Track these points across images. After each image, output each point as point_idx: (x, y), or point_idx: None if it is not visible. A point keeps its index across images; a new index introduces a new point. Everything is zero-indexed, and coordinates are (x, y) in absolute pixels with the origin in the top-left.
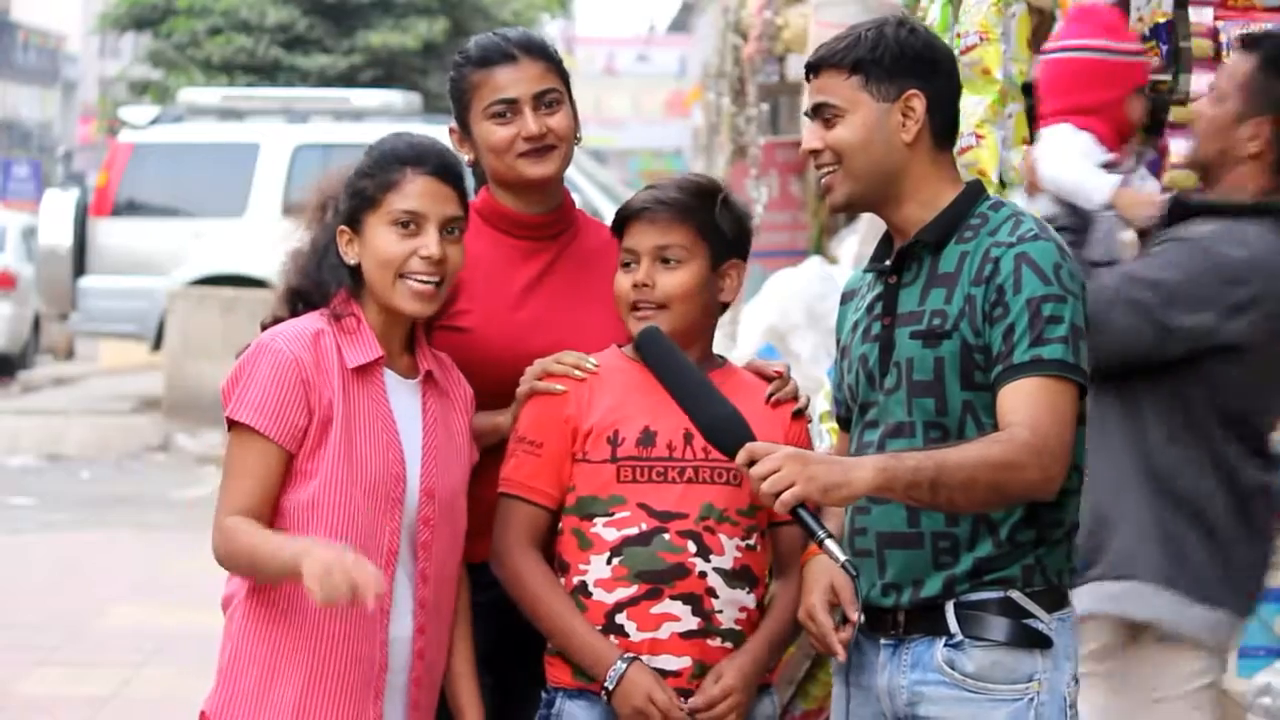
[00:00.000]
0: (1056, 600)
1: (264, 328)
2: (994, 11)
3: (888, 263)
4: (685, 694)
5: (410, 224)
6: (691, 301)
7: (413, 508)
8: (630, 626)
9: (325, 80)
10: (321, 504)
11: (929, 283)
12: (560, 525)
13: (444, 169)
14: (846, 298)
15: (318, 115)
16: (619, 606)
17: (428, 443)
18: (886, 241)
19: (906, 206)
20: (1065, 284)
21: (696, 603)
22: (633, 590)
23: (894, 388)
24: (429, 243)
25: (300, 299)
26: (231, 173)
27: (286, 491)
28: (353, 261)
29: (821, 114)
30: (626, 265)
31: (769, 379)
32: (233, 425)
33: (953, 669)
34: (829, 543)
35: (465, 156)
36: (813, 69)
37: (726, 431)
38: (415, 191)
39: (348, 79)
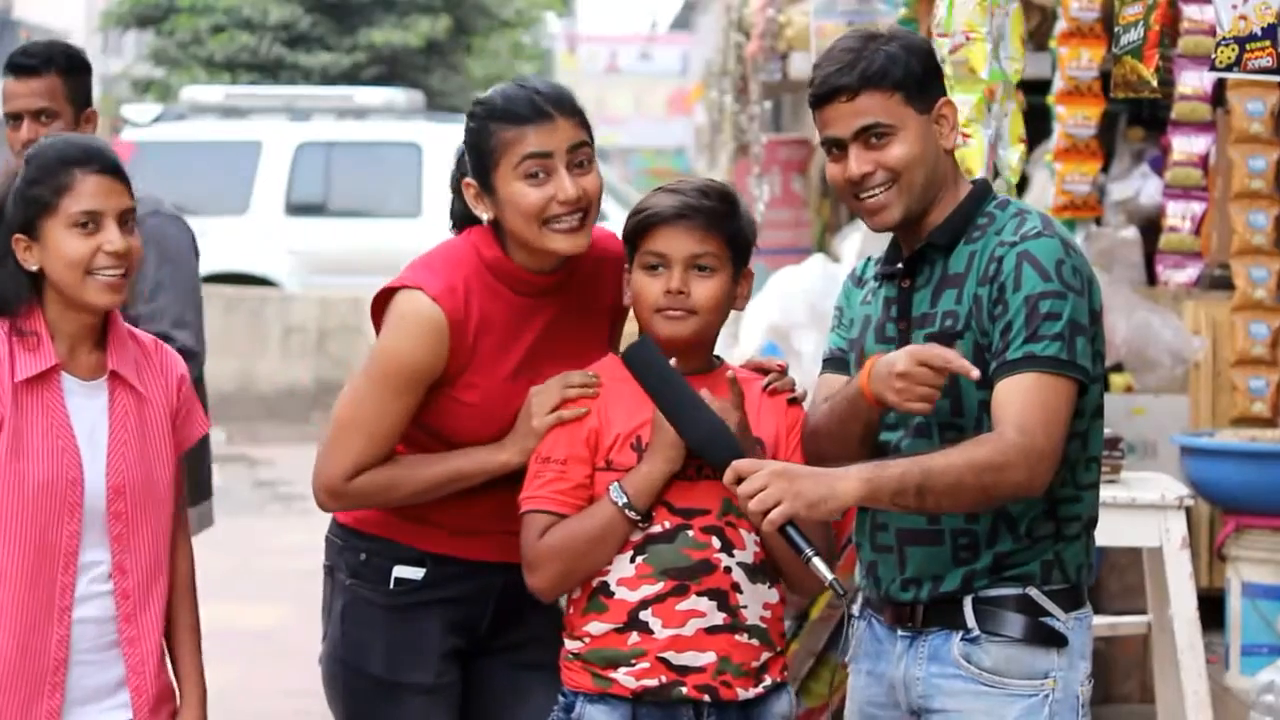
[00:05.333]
0: (1074, 600)
1: None
2: (979, 10)
3: (899, 265)
4: (709, 690)
5: (89, 223)
6: (719, 310)
7: (99, 506)
8: (655, 624)
9: (328, 78)
10: None
11: (940, 284)
12: None
13: (112, 166)
14: (859, 280)
15: (320, 113)
16: (644, 604)
17: (114, 441)
18: (895, 244)
19: (933, 213)
20: (1066, 280)
21: (722, 598)
22: (658, 587)
23: None
24: (111, 238)
25: None
26: (234, 171)
27: None
28: (33, 268)
29: (868, 135)
30: (654, 269)
31: (767, 373)
32: None
33: (969, 663)
34: (816, 561)
35: (484, 216)
36: (845, 91)
37: (715, 447)
38: (89, 191)
39: (350, 77)
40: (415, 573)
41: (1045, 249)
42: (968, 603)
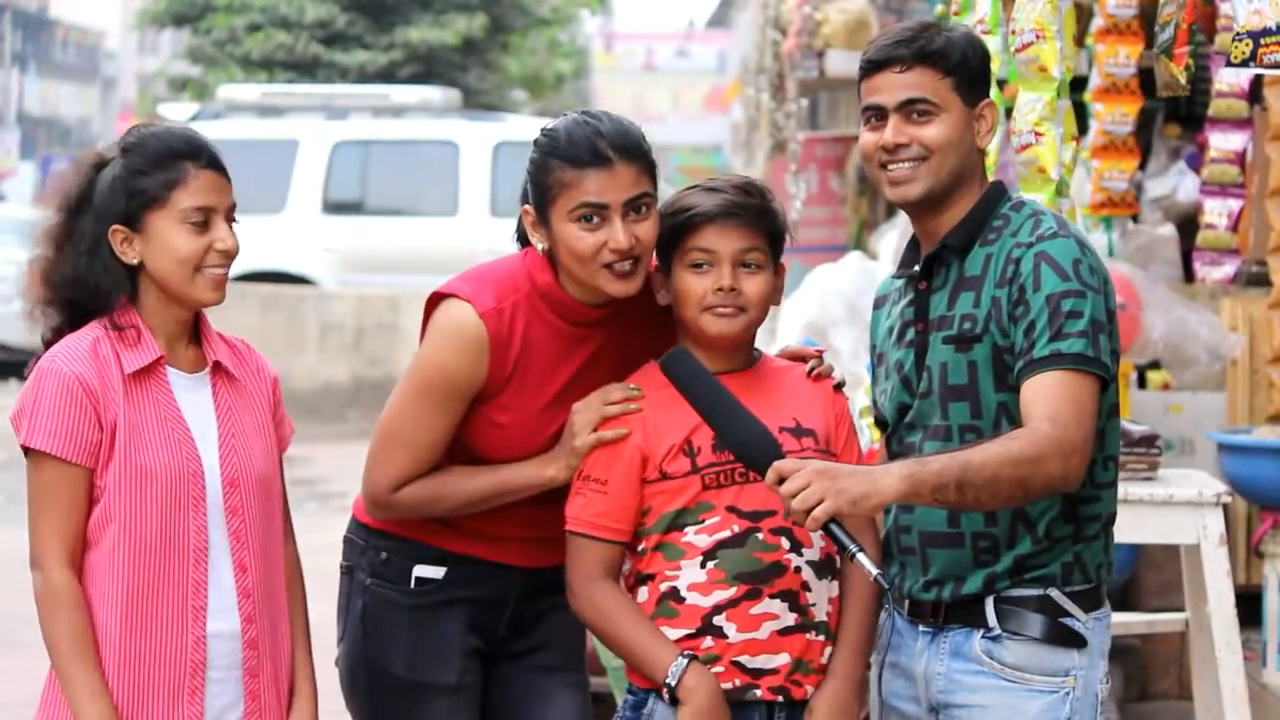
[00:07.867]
0: (1094, 600)
1: (46, 343)
2: (1049, 8)
3: (916, 268)
4: (783, 691)
5: (204, 220)
6: (765, 306)
7: (217, 500)
8: (730, 628)
9: (364, 76)
10: (116, 514)
11: (957, 287)
12: (641, 545)
13: (218, 161)
14: (879, 303)
15: (357, 112)
16: (718, 609)
17: (224, 433)
18: (913, 247)
19: (954, 209)
20: (1085, 279)
21: (794, 599)
22: (731, 592)
23: (927, 392)
24: (224, 235)
25: (78, 308)
26: (270, 169)
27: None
28: (133, 261)
29: (912, 108)
30: (699, 267)
31: (806, 359)
32: (29, 453)
33: (991, 659)
34: (860, 556)
35: (540, 245)
36: (899, 62)
37: (756, 450)
38: (203, 186)
39: (387, 75)
40: (436, 572)
41: (1062, 249)
42: (989, 603)
